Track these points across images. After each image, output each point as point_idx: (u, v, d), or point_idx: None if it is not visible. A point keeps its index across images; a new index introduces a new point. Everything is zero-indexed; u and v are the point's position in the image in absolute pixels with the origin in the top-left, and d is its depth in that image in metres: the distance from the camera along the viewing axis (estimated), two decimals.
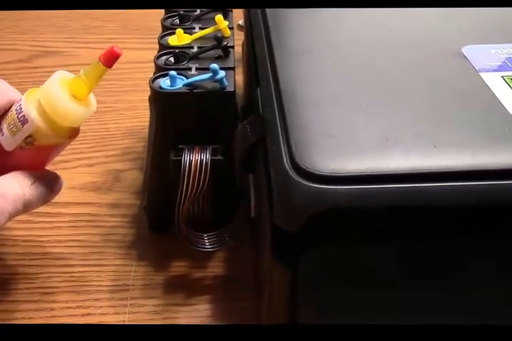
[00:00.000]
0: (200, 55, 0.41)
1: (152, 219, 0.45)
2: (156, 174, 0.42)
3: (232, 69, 0.40)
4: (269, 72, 0.35)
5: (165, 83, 0.38)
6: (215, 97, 0.38)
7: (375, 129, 0.29)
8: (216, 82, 0.38)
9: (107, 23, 0.74)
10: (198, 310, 0.40)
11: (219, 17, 0.42)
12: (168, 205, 0.39)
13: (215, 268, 0.43)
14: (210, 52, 0.41)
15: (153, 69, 0.41)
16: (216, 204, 0.41)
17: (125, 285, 0.42)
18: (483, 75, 0.34)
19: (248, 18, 0.45)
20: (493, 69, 0.34)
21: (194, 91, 0.38)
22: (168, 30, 0.44)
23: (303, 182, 0.27)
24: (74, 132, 0.37)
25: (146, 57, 0.42)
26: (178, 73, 0.38)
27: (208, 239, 0.40)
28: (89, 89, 0.35)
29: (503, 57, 0.35)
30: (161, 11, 0.47)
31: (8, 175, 0.35)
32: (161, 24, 0.45)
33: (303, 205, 0.27)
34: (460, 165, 0.28)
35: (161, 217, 0.44)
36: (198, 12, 0.45)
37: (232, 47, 0.42)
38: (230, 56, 0.41)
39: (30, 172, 0.36)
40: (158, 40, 0.43)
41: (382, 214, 0.27)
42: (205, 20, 0.45)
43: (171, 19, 0.45)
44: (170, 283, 0.42)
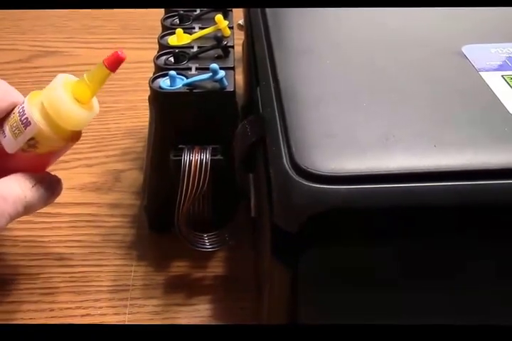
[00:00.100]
0: (200, 55, 0.41)
1: (152, 219, 0.45)
2: (156, 174, 0.42)
3: (232, 69, 0.40)
4: (269, 71, 0.35)
5: (165, 83, 0.38)
6: (214, 97, 0.38)
7: (375, 129, 0.29)
8: (216, 81, 0.38)
9: (107, 22, 0.74)
10: (199, 310, 0.40)
11: (219, 17, 0.42)
12: (168, 205, 0.39)
13: (216, 268, 0.43)
14: (210, 52, 0.41)
15: (154, 69, 0.41)
16: (216, 204, 0.41)
17: (125, 286, 0.42)
18: (484, 75, 0.34)
19: (248, 17, 0.45)
20: (494, 68, 0.34)
21: (194, 91, 0.38)
22: (167, 30, 0.44)
23: (303, 182, 0.27)
24: (76, 135, 0.37)
25: (147, 57, 0.42)
26: (178, 73, 0.38)
27: (208, 239, 0.40)
28: (93, 92, 0.35)
29: (503, 56, 0.35)
30: (161, 11, 0.47)
31: (10, 177, 0.35)
32: (161, 24, 0.45)
33: (303, 205, 0.27)
34: (460, 164, 0.28)
35: (161, 217, 0.43)
36: (197, 12, 0.45)
37: (232, 46, 0.41)
38: (230, 56, 0.41)
39: (32, 175, 0.36)
40: (157, 40, 0.43)
41: (382, 214, 0.27)
42: (205, 19, 0.45)
43: (170, 19, 0.45)
44: (170, 283, 0.42)
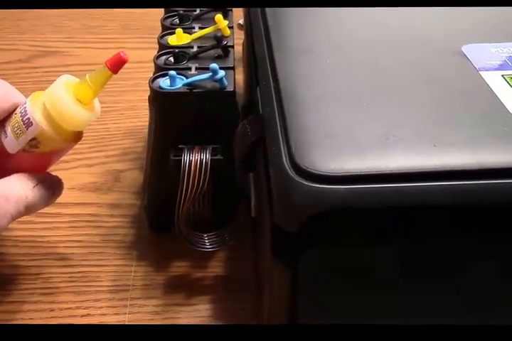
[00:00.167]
0: (200, 55, 0.41)
1: (152, 219, 0.45)
2: (155, 174, 0.42)
3: (231, 68, 0.40)
4: (269, 71, 0.35)
5: (164, 83, 0.38)
6: (214, 97, 0.38)
7: (375, 129, 0.29)
8: (216, 81, 0.38)
9: (107, 22, 0.74)
10: (199, 310, 0.40)
11: (219, 16, 0.42)
12: (168, 205, 0.39)
13: (216, 268, 0.43)
14: (210, 51, 0.41)
15: (153, 69, 0.41)
16: (216, 204, 0.41)
17: (125, 286, 0.42)
18: (484, 74, 0.34)
19: (248, 17, 0.45)
20: (494, 68, 0.34)
21: (194, 91, 0.38)
22: (167, 29, 0.44)
23: (303, 182, 0.27)
24: (77, 136, 0.37)
25: (147, 57, 0.42)
26: (178, 73, 0.38)
27: (208, 239, 0.40)
28: (95, 93, 0.35)
29: (503, 56, 0.35)
30: (161, 11, 0.47)
31: (11, 177, 0.36)
32: (161, 24, 0.45)
33: (303, 205, 0.27)
34: (460, 164, 0.28)
35: (161, 217, 0.43)
36: (197, 11, 0.45)
37: (231, 46, 0.41)
38: (230, 55, 0.41)
39: (33, 175, 0.36)
40: (157, 40, 0.43)
41: (382, 214, 0.27)
42: (204, 19, 0.45)
43: (170, 19, 0.45)
44: (170, 283, 0.42)
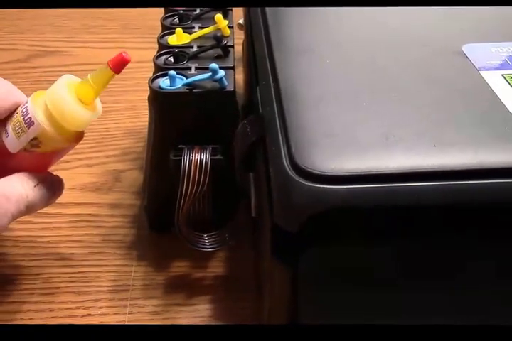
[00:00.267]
0: (200, 55, 0.41)
1: (152, 219, 0.45)
2: (155, 174, 0.42)
3: (231, 68, 0.40)
4: (269, 71, 0.35)
5: (164, 83, 0.38)
6: (214, 97, 0.38)
7: (375, 128, 0.29)
8: (216, 81, 0.38)
9: (106, 22, 0.74)
10: (199, 310, 0.40)
11: (218, 16, 0.42)
12: (168, 205, 0.38)
13: (216, 268, 0.43)
14: (210, 51, 0.41)
15: (153, 69, 0.41)
16: (216, 204, 0.41)
17: (125, 286, 0.42)
18: (484, 74, 0.34)
19: (248, 17, 0.45)
20: (494, 67, 0.34)
21: (193, 90, 0.38)
22: (167, 29, 0.44)
23: (303, 181, 0.27)
24: (79, 136, 0.37)
25: (147, 57, 0.42)
26: (178, 73, 0.38)
27: (208, 238, 0.40)
28: (96, 93, 0.35)
29: (503, 55, 0.35)
30: (161, 10, 0.47)
31: (12, 176, 0.35)
32: (161, 23, 0.45)
33: (303, 205, 0.27)
34: (461, 163, 0.28)
35: (161, 217, 0.43)
36: (197, 11, 0.45)
37: (231, 46, 0.41)
38: (230, 55, 0.41)
39: (34, 174, 0.36)
40: (157, 40, 0.43)
41: (382, 214, 0.27)
42: (204, 19, 0.45)
43: (170, 19, 0.45)
44: (170, 283, 0.42)
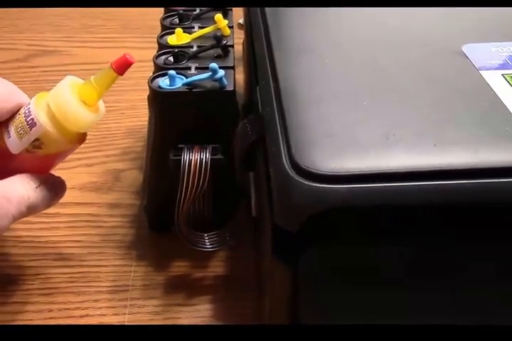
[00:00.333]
0: (200, 55, 0.41)
1: (152, 219, 0.45)
2: (155, 174, 0.42)
3: (231, 68, 0.40)
4: (269, 71, 0.35)
5: (164, 82, 0.38)
6: (214, 96, 0.38)
7: (376, 128, 0.29)
8: (216, 81, 0.38)
9: (106, 22, 0.73)
10: (199, 310, 0.40)
11: (218, 16, 0.42)
12: (168, 205, 0.38)
13: (216, 268, 0.43)
14: (210, 51, 0.41)
15: (153, 69, 0.41)
16: (216, 203, 0.41)
17: (125, 286, 0.41)
18: (484, 73, 0.34)
19: (248, 16, 0.45)
20: (494, 67, 0.34)
21: (193, 90, 0.38)
22: (167, 29, 0.44)
23: (303, 181, 0.27)
24: (81, 137, 0.37)
25: (147, 57, 0.42)
26: (178, 72, 0.38)
27: (209, 238, 0.40)
28: (99, 95, 0.35)
29: (503, 55, 0.35)
30: (161, 10, 0.47)
31: (14, 177, 0.35)
32: (161, 23, 0.45)
33: (303, 205, 0.27)
34: (461, 163, 0.28)
35: (161, 216, 0.43)
36: (197, 11, 0.45)
37: (231, 46, 0.41)
38: (230, 55, 0.41)
39: (36, 176, 0.36)
40: (157, 40, 0.43)
41: (383, 213, 0.27)
42: (204, 19, 0.45)
43: (170, 18, 0.45)
44: (170, 283, 0.42)
